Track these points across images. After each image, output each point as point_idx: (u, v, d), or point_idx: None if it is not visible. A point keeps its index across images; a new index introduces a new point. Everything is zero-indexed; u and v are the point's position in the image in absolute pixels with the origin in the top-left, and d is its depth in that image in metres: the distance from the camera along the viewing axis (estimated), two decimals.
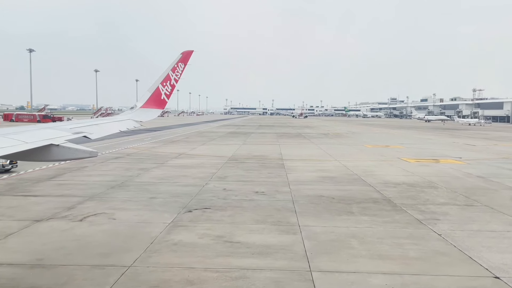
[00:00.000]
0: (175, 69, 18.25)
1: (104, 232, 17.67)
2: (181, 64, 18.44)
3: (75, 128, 12.70)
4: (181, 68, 18.44)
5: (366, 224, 19.44)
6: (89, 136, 12.28)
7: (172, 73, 18.12)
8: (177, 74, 18.29)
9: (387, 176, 33.59)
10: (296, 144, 64.55)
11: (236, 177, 32.30)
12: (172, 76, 18.15)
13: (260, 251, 15.50)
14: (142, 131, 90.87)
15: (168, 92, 18.35)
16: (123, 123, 15.78)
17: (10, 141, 9.76)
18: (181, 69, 18.43)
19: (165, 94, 18.22)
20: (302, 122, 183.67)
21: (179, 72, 18.36)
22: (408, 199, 25.05)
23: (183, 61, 18.49)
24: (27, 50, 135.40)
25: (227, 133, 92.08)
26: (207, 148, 56.09)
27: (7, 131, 11.10)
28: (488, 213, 21.95)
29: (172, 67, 18.18)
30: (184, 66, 18.56)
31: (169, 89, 18.29)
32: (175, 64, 18.23)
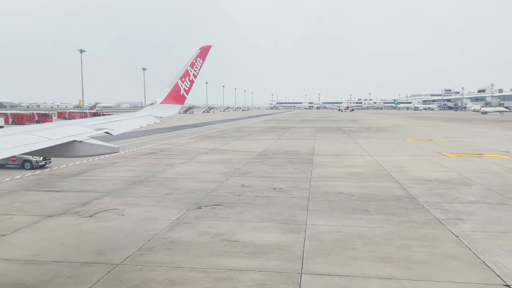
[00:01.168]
0: (194, 64, 17.99)
1: (108, 229, 17.79)
2: (199, 60, 18.16)
3: (98, 124, 12.77)
4: (199, 63, 18.17)
5: (379, 224, 18.38)
6: (111, 132, 12.34)
7: (191, 69, 17.88)
8: (195, 70, 18.04)
9: (419, 172, 31.89)
10: (332, 139, 63.06)
11: (259, 172, 31.82)
12: (191, 72, 17.91)
13: (255, 251, 14.97)
14: (184, 126, 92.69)
15: (187, 87, 18.11)
16: (144, 119, 15.74)
17: (35, 138, 9.91)
18: (199, 65, 18.16)
19: (184, 90, 17.99)
20: (347, 116, 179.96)
21: (197, 68, 18.10)
22: (434, 197, 23.56)
23: (201, 57, 18.20)
24: (78, 51, 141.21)
25: (266, 128, 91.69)
26: (241, 143, 55.93)
27: (33, 128, 11.35)
28: None
29: (190, 62, 17.93)
30: (202, 61, 18.29)
31: (188, 84, 18.06)
32: (194, 59, 17.98)
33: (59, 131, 11.07)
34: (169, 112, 17.51)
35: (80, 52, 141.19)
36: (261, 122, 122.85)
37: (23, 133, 10.29)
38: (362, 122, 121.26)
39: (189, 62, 17.99)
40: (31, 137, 9.93)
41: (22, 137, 9.90)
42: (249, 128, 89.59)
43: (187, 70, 17.87)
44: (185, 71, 17.80)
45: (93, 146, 10.55)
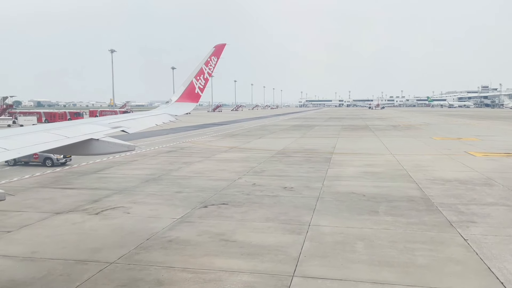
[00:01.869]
0: (208, 62, 17.92)
1: (111, 226, 17.91)
2: (214, 58, 18.07)
3: (114, 122, 12.90)
4: (214, 61, 18.09)
5: (385, 225, 17.77)
6: (127, 130, 12.45)
7: (205, 67, 17.82)
8: (210, 68, 17.96)
9: (440, 172, 30.81)
10: (356, 137, 61.92)
11: (273, 171, 31.50)
12: (205, 70, 17.85)
13: (251, 252, 14.71)
14: (209, 125, 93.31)
15: (202, 85, 18.05)
16: (159, 117, 15.80)
17: (52, 136, 10.08)
18: (214, 63, 18.08)
19: (199, 88, 17.94)
20: (377, 114, 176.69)
21: (212, 66, 18.01)
22: (450, 198, 22.65)
23: (216, 55, 18.11)
24: (109, 51, 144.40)
25: (291, 126, 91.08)
26: (262, 141, 55.69)
27: (51, 126, 11.50)
28: None
29: (205, 61, 17.86)
30: (217, 59, 18.20)
31: (203, 82, 18.00)
32: (208, 57, 17.90)
33: (76, 129, 11.20)
34: (184, 110, 17.50)
35: (111, 52, 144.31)
36: (287, 120, 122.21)
37: (42, 132, 10.45)
38: (390, 120, 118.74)
39: (204, 60, 17.89)
40: (49, 136, 10.09)
41: (40, 136, 10.06)
42: (273, 126, 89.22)
43: (202, 68, 17.78)
44: (199, 69, 17.72)
45: (110, 144, 10.69)
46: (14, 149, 8.66)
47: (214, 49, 18.22)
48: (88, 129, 11.32)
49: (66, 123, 12.98)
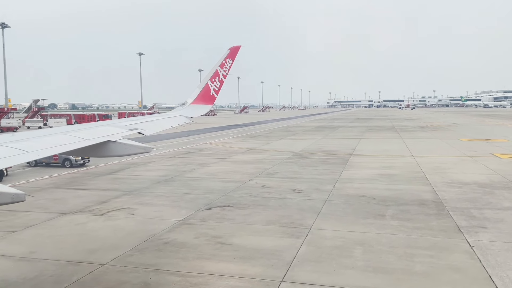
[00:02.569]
0: (223, 65, 17.89)
1: (112, 227, 18.06)
2: (229, 60, 18.03)
3: (131, 125, 13.04)
4: (229, 63, 18.05)
5: (389, 230, 17.21)
6: (143, 132, 12.57)
7: (220, 69, 17.80)
8: (225, 70, 17.93)
9: (460, 175, 29.75)
10: (379, 139, 60.70)
11: (286, 173, 31.17)
12: (220, 72, 17.84)
13: (245, 255, 14.49)
14: (233, 126, 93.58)
15: (217, 88, 18.05)
16: (175, 119, 15.86)
17: (71, 138, 10.28)
18: (229, 65, 18.04)
19: (214, 90, 17.94)
20: (406, 114, 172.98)
21: (227, 68, 17.98)
22: (464, 202, 21.78)
23: (230, 57, 18.06)
24: (137, 54, 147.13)
25: (314, 127, 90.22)
26: (282, 143, 55.32)
27: (69, 128, 11.80)
28: None
29: (220, 63, 17.84)
30: (232, 61, 18.15)
31: (218, 85, 17.99)
32: (223, 60, 17.87)
33: (94, 131, 11.33)
34: (199, 112, 17.49)
35: (139, 55, 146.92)
36: (312, 121, 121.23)
37: (61, 134, 10.61)
38: (419, 120, 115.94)
39: (219, 62, 17.84)
40: (67, 138, 10.26)
41: (59, 138, 10.23)
42: (297, 127, 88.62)
43: (217, 70, 17.74)
44: (215, 71, 17.68)
45: (126, 146, 10.83)
46: (34, 151, 8.83)
47: (229, 51, 18.15)
48: (105, 131, 11.43)
49: (85, 125, 13.14)
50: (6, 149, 8.54)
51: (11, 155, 8.36)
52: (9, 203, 7.19)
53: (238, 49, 18.39)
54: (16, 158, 8.37)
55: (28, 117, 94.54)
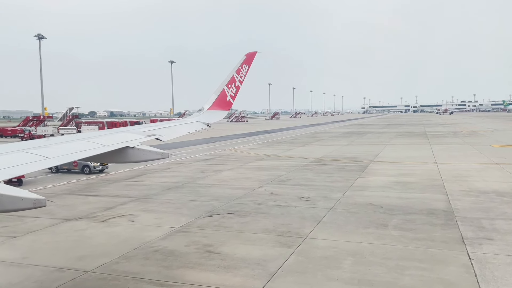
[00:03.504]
0: (240, 70, 17.87)
1: (108, 234, 18.19)
2: (245, 66, 18.00)
3: (148, 131, 13.24)
4: (245, 69, 18.02)
5: (387, 241, 16.53)
6: (161, 138, 12.76)
7: (236, 75, 17.80)
8: (241, 76, 17.92)
9: (480, 183, 28.43)
10: (407, 145, 59.01)
11: (298, 180, 30.69)
12: (236, 78, 17.83)
13: (230, 265, 14.22)
14: (260, 132, 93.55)
15: (233, 93, 18.03)
16: (192, 125, 15.95)
17: (90, 144, 10.52)
18: (245, 71, 18.01)
19: (230, 96, 17.91)
20: (443, 120, 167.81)
21: (243, 74, 17.96)
22: (477, 212, 20.72)
23: (247, 63, 18.03)
24: (169, 62, 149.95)
25: (342, 133, 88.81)
26: (304, 149, 54.69)
27: (89, 135, 12.09)
28: None
29: (236, 69, 17.83)
30: (248, 67, 18.13)
31: (234, 90, 17.98)
32: (240, 66, 17.85)
33: (112, 138, 11.51)
34: (216, 118, 17.48)
35: (171, 64, 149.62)
36: (342, 127, 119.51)
37: (80, 140, 10.83)
38: (454, 126, 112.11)
39: (235, 68, 17.81)
40: (87, 144, 10.47)
41: (79, 144, 10.45)
42: (323, 134, 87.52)
43: (233, 76, 17.71)
44: (231, 77, 17.66)
45: (144, 152, 10.95)
46: (54, 157, 9.06)
47: (245, 57, 18.07)
48: (123, 138, 11.58)
49: (104, 131, 13.38)
50: (28, 155, 8.83)
51: (33, 161, 8.60)
52: (30, 208, 7.35)
53: (254, 55, 18.30)
54: (37, 164, 8.58)
55: (62, 124, 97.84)
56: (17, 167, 8.21)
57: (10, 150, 9.07)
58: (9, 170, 7.96)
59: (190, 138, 66.09)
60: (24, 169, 8.32)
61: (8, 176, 7.78)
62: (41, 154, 8.97)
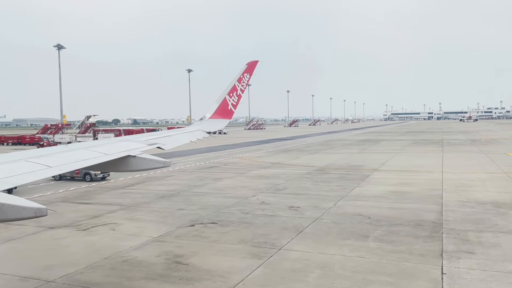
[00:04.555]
0: (241, 79, 17.86)
1: (85, 243, 18.17)
2: (246, 75, 17.99)
3: (150, 139, 13.38)
4: (246, 78, 18.01)
5: (363, 253, 16.02)
6: (162, 147, 12.87)
7: (238, 84, 17.80)
8: (243, 85, 17.91)
9: (482, 193, 27.51)
10: (418, 153, 57.79)
11: (294, 189, 30.26)
12: (238, 87, 17.84)
13: (193, 277, 13.99)
14: (274, 140, 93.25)
15: (235, 102, 18.01)
16: (193, 134, 16.01)
17: (92, 153, 10.65)
18: (246, 80, 18.00)
19: (232, 105, 17.90)
20: (465, 127, 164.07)
21: (244, 83, 17.94)
22: (468, 224, 19.96)
23: (248, 72, 18.01)
24: (186, 71, 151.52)
25: (356, 140, 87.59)
26: (312, 157, 54.10)
27: (91, 144, 12.18)
28: None
29: (238, 77, 17.82)
30: (249, 76, 18.11)
31: (236, 99, 17.98)
32: (241, 74, 17.84)
33: (115, 146, 11.61)
34: (217, 126, 17.53)
35: (188, 72, 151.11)
36: (359, 134, 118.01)
37: (82, 149, 10.94)
38: (475, 134, 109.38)
39: (237, 77, 17.79)
40: (89, 153, 10.57)
41: (81, 153, 10.55)
42: (337, 141, 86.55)
43: (235, 85, 17.70)
44: (232, 86, 17.65)
45: (146, 160, 11.06)
46: (56, 166, 9.17)
47: (247, 66, 18.06)
48: (125, 146, 11.67)
49: (107, 140, 13.53)
50: (30, 165, 8.93)
51: (34, 170, 8.69)
52: (32, 217, 7.43)
53: (255, 63, 18.27)
54: (39, 173, 8.66)
55: (80, 132, 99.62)
56: (19, 176, 8.26)
57: (12, 159, 9.15)
58: (11, 179, 7.99)
59: (200, 146, 66.30)
60: (26, 178, 8.34)
61: (10, 185, 7.79)
62: (43, 163, 9.05)
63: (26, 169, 8.59)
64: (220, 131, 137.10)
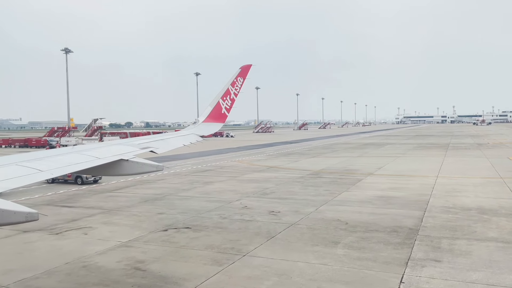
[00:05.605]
0: (235, 83, 17.75)
1: (52, 247, 18.10)
2: (240, 79, 17.88)
3: (144, 143, 13.29)
4: (240, 82, 17.90)
5: (327, 260, 15.68)
6: (155, 151, 12.80)
7: (231, 88, 17.70)
8: (236, 89, 17.80)
9: (471, 198, 26.97)
10: (419, 157, 57.00)
11: (281, 193, 29.94)
12: (231, 91, 17.73)
13: (147, 284, 13.79)
14: (279, 143, 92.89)
15: (228, 106, 17.90)
16: (187, 137, 15.91)
17: (84, 157, 10.57)
18: (240, 83, 17.89)
19: (225, 108, 17.79)
20: (476, 131, 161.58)
21: (238, 86, 17.83)
22: (445, 231, 19.48)
23: (242, 75, 17.90)
24: (194, 74, 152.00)
25: (361, 144, 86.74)
26: (311, 161, 53.64)
27: (84, 148, 12.24)
28: None
29: (231, 81, 17.72)
30: (243, 80, 17.99)
31: (229, 103, 17.87)
32: (235, 78, 17.73)
33: (107, 150, 11.54)
34: (210, 130, 17.36)
35: (196, 75, 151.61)
36: (365, 138, 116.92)
37: (75, 153, 10.88)
38: (484, 137, 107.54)
39: (230, 81, 17.68)
40: (81, 157, 10.51)
41: (73, 157, 10.49)
42: (342, 145, 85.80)
43: (228, 89, 17.59)
44: (226, 90, 17.54)
45: (139, 164, 10.97)
46: (47, 170, 9.12)
47: (240, 70, 17.94)
48: (118, 150, 11.59)
49: (100, 144, 13.47)
50: (21, 169, 8.86)
51: (25, 174, 8.62)
52: (23, 222, 7.31)
53: (249, 68, 18.14)
54: (30, 177, 8.58)
55: (87, 135, 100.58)
56: (9, 180, 8.16)
57: (3, 163, 9.08)
58: (1, 184, 7.89)
59: (202, 149, 66.37)
60: (16, 182, 8.22)
61: (0, 189, 7.66)
62: (34, 167, 9.01)
63: (17, 173, 8.53)
64: (228, 134, 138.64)
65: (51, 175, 9.10)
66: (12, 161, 9.18)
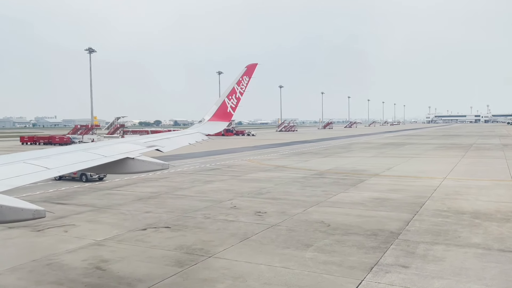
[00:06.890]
0: (240, 82, 17.81)
1: (27, 244, 18.41)
2: (246, 77, 17.92)
3: (149, 142, 13.42)
4: (246, 81, 17.94)
5: (291, 263, 15.31)
6: (161, 149, 12.92)
7: (237, 87, 17.77)
8: (242, 87, 17.86)
9: (470, 202, 25.97)
10: (435, 158, 55.41)
11: (276, 194, 29.57)
12: (237, 90, 17.79)
13: (102, 283, 13.81)
14: (297, 142, 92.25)
15: (234, 105, 17.98)
16: (192, 136, 16.05)
17: (90, 155, 10.65)
18: (246, 82, 17.93)
19: (231, 107, 17.87)
20: (508, 131, 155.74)
21: (244, 85, 17.89)
22: (427, 235, 18.76)
23: (247, 74, 17.95)
24: (217, 73, 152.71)
25: (379, 144, 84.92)
26: (321, 160, 52.89)
27: (90, 146, 12.27)
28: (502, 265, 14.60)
29: (237, 80, 17.79)
30: (249, 79, 18.04)
31: (235, 102, 17.94)
32: (240, 77, 17.80)
33: (113, 148, 11.66)
34: (216, 129, 17.42)
35: (218, 74, 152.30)
36: (388, 137, 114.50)
37: (81, 151, 11.01)
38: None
39: (236, 80, 17.73)
40: (87, 155, 10.60)
41: (80, 155, 10.62)
42: (360, 144, 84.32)
43: (234, 88, 17.64)
44: (231, 88, 17.60)
45: (145, 162, 11.07)
46: (54, 168, 9.27)
47: (246, 68, 17.91)
48: (124, 148, 11.68)
49: (106, 142, 13.73)
50: (28, 166, 8.99)
51: (32, 172, 8.75)
52: (30, 219, 7.49)
53: (255, 66, 18.06)
54: (36, 175, 8.71)
55: (109, 133, 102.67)
56: (16, 178, 8.27)
57: (11, 161, 9.23)
58: (8, 181, 7.99)
59: (216, 148, 66.66)
60: (23, 180, 8.33)
61: (7, 187, 7.74)
62: (41, 165, 9.12)
63: (24, 171, 8.62)
64: (249, 132, 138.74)
65: (58, 173, 9.14)
66: (19, 159, 9.26)
